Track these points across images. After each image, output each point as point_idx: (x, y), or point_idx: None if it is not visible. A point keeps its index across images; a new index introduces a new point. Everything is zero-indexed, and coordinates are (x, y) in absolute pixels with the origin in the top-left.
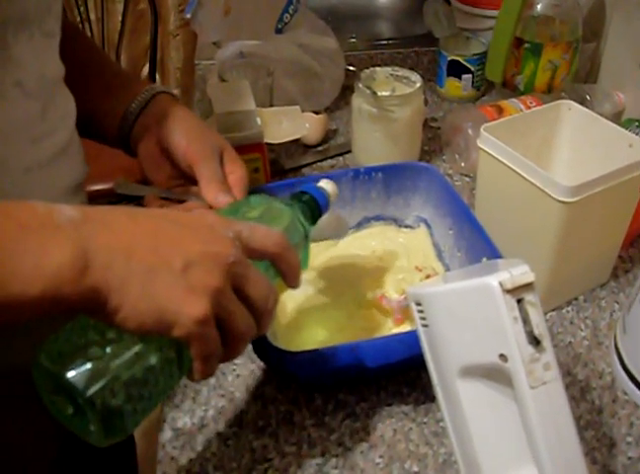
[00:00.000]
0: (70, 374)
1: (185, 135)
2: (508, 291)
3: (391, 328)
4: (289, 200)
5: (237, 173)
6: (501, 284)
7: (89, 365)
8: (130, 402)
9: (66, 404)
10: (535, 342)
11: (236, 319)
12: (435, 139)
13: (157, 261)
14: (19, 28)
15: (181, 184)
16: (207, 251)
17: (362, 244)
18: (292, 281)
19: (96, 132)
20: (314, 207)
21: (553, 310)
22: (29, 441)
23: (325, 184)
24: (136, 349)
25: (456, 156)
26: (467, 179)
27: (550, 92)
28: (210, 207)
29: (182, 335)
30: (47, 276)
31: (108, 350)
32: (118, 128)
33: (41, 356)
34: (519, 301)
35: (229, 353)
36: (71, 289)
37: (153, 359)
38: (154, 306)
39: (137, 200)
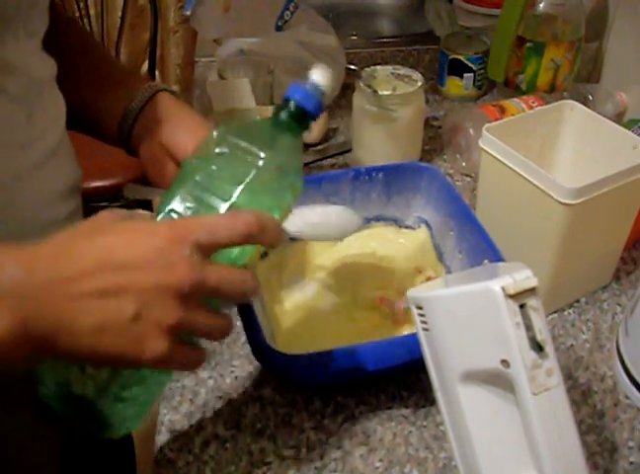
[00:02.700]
0: (75, 391)
1: (190, 135)
2: (510, 296)
3: (391, 330)
4: (269, 122)
5: None
6: (503, 289)
7: (90, 384)
8: (129, 406)
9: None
10: (538, 348)
11: (203, 328)
12: (436, 139)
13: (107, 315)
14: (2, 28)
15: None
16: (160, 285)
17: (363, 245)
18: (274, 245)
19: (94, 130)
20: (302, 116)
21: (554, 312)
22: (29, 445)
23: (316, 75)
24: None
25: (457, 156)
26: (468, 179)
27: (552, 91)
28: None
29: (149, 368)
30: None
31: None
32: (117, 127)
33: (42, 388)
34: (521, 306)
35: (212, 337)
36: (15, 352)
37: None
38: (111, 357)
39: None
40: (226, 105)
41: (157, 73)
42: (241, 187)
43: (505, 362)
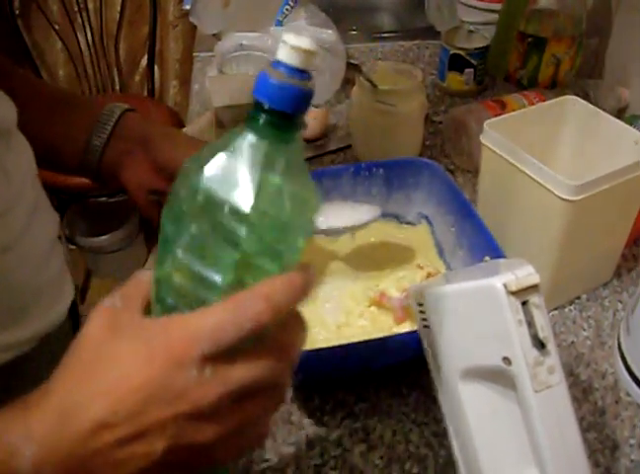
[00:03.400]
0: None
1: (190, 150)
2: (512, 293)
3: (392, 327)
4: (245, 140)
5: None
6: (505, 286)
7: None
8: None
9: None
10: (540, 345)
11: (245, 424)
12: (436, 134)
13: (139, 461)
14: None
15: None
16: (179, 414)
17: (363, 241)
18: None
19: (49, 163)
20: (284, 119)
21: (555, 309)
22: None
23: (284, 52)
24: None
25: (458, 151)
26: (469, 174)
27: (553, 87)
28: None
29: None
30: None
31: None
32: (82, 156)
33: None
34: (523, 303)
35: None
36: None
37: None
38: None
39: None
40: (226, 100)
41: (156, 68)
42: (236, 254)
43: (506, 360)
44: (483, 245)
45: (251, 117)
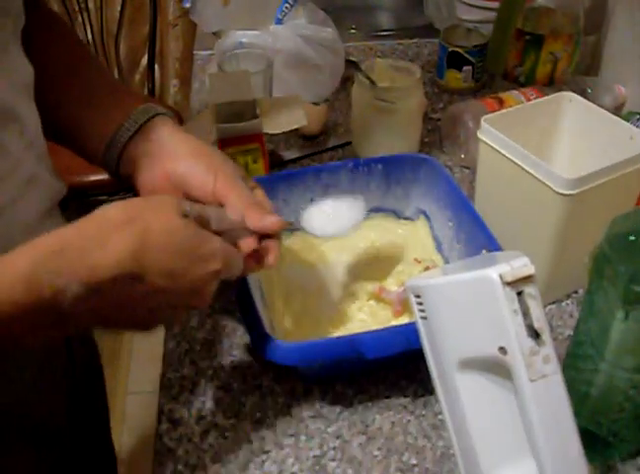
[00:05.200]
0: None
1: (208, 170)
2: (508, 284)
3: (390, 320)
4: None
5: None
6: (501, 277)
7: None
8: None
9: None
10: (535, 335)
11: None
12: (434, 131)
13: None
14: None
15: None
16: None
17: (362, 236)
18: None
19: (76, 147)
20: None
21: (552, 303)
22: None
23: None
24: None
25: (456, 148)
26: (467, 171)
27: (551, 84)
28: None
29: None
30: None
31: None
32: (104, 148)
33: None
34: (519, 294)
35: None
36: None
37: None
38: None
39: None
40: (226, 97)
41: (156, 67)
42: None
43: (502, 350)
44: (480, 239)
45: None
